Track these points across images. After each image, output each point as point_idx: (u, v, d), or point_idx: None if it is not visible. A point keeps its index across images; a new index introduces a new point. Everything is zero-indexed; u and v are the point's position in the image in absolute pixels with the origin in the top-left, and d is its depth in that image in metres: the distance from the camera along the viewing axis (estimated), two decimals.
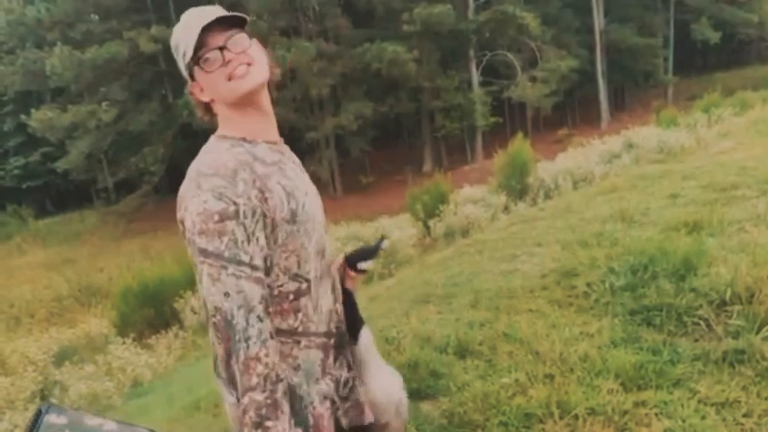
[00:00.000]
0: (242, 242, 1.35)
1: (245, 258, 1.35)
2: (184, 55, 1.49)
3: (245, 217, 1.36)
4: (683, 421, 2.51)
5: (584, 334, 3.42)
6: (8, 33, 34.70)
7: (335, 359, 1.62)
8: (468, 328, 3.84)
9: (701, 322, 3.20)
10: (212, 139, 1.53)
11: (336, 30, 31.61)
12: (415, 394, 3.10)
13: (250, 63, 1.47)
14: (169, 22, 31.78)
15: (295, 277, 1.48)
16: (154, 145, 32.57)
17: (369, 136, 32.06)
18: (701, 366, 2.86)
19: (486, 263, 5.55)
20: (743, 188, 5.99)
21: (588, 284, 4.02)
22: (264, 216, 1.40)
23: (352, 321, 1.75)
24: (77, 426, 1.34)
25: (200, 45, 1.45)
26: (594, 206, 6.89)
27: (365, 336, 1.76)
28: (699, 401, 2.63)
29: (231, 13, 1.48)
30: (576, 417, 2.66)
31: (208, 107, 1.54)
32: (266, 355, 1.34)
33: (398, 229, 11.61)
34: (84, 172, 35.31)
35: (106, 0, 32.16)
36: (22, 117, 32.07)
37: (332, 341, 1.60)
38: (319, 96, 30.35)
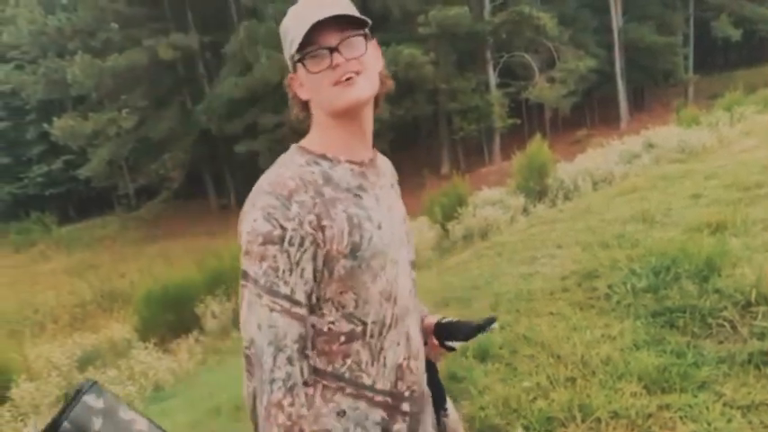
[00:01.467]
0: (283, 271, 1.20)
1: (284, 290, 1.20)
2: (291, 44, 1.31)
3: (291, 244, 1.21)
4: (709, 425, 2.48)
5: (605, 336, 3.39)
6: (30, 43, 35.25)
7: (413, 430, 1.39)
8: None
9: (726, 324, 3.15)
10: (292, 148, 1.37)
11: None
12: None
13: (359, 72, 1.29)
14: (187, 29, 32.11)
15: (350, 317, 1.28)
16: (173, 151, 32.89)
17: (386, 139, 32.11)
18: (726, 369, 2.82)
19: (505, 265, 5.52)
20: (767, 187, 5.90)
21: (609, 286, 3.98)
22: (318, 246, 1.23)
23: (435, 394, 1.52)
24: (111, 416, 1.28)
25: (308, 41, 1.27)
26: (615, 207, 6.83)
27: (452, 410, 1.57)
28: (724, 404, 2.59)
29: (351, 14, 1.29)
30: (599, 420, 2.64)
31: (305, 105, 1.37)
32: (290, 405, 1.18)
33: (416, 231, 11.60)
34: (105, 179, 35.78)
35: (125, 9, 32.56)
36: (45, 125, 32.57)
37: (403, 405, 1.36)
38: None
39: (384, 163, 1.50)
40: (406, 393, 1.36)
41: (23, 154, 39.98)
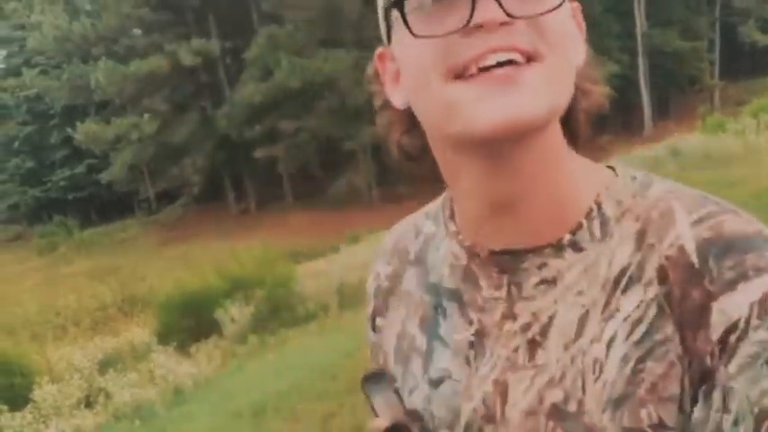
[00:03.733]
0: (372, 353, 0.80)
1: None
2: None
3: (369, 319, 0.80)
4: None
5: None
6: (55, 49, 35.81)
7: None
8: None
9: None
10: None
11: (374, 39, 31.72)
12: None
13: (533, 55, 0.56)
14: (208, 35, 32.41)
15: None
16: (194, 156, 33.17)
17: None
18: None
19: None
20: None
21: None
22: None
23: None
24: None
25: None
26: None
27: None
28: None
29: None
30: None
31: (409, 118, 0.67)
32: None
33: None
34: (126, 183, 36.19)
35: (148, 15, 32.96)
36: (68, 130, 33.08)
37: None
38: (356, 105, 30.53)
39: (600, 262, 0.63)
40: None
41: (47, 158, 40.57)
